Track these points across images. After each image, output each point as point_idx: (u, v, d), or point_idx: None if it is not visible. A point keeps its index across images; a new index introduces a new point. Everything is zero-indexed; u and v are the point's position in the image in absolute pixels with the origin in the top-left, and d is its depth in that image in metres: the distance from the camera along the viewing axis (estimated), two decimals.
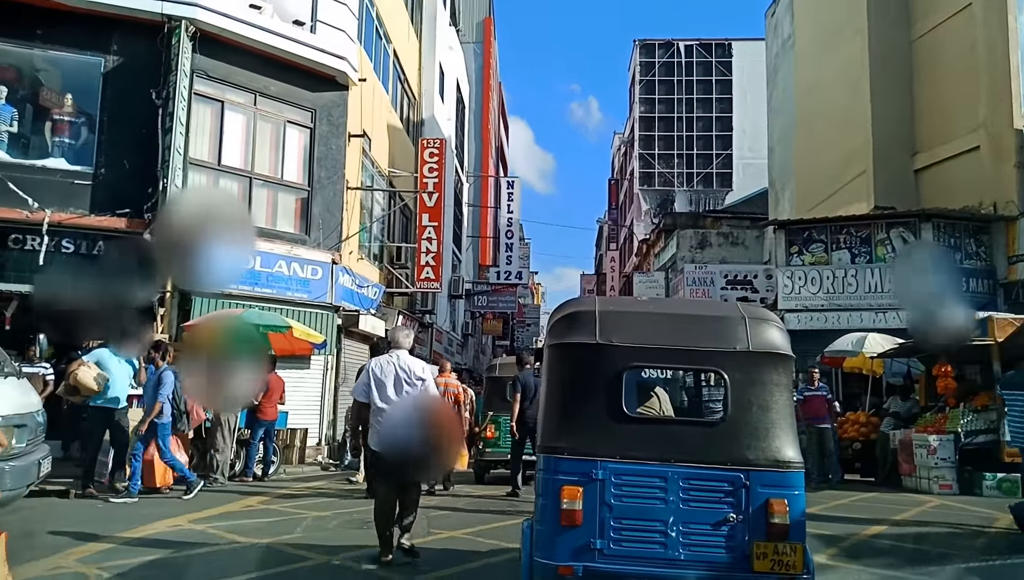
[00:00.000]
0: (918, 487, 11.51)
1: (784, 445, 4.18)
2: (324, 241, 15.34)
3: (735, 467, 4.13)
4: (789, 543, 4.01)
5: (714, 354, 4.34)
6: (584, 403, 4.32)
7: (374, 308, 17.47)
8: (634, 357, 4.39)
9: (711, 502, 4.11)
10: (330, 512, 8.69)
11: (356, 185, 16.40)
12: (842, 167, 21.15)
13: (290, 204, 15.33)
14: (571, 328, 4.49)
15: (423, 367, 6.36)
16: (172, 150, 13.00)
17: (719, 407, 4.55)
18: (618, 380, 4.30)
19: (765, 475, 4.11)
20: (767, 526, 4.03)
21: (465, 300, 32.24)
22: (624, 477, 4.15)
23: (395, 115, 20.96)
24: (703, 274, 23.95)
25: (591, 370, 4.35)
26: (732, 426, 4.22)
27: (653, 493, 4.14)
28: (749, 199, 38.09)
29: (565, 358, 4.48)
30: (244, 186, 14.53)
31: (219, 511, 8.56)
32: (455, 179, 29.41)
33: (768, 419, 4.21)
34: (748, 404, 4.22)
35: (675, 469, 4.14)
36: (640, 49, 50.33)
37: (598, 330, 4.35)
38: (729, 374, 4.24)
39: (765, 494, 4.07)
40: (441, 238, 19.99)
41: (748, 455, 4.14)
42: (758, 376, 4.26)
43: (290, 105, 15.24)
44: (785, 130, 26.69)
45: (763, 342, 4.32)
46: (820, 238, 17.74)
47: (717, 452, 4.17)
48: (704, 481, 4.14)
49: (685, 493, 4.12)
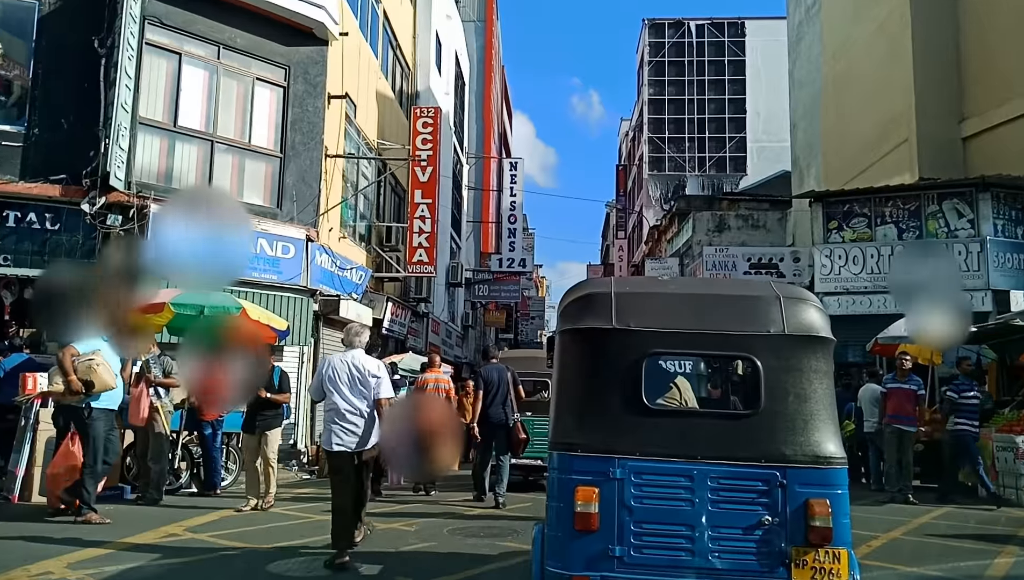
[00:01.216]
0: (1002, 496, 9.58)
1: (825, 439, 3.79)
2: (299, 215, 13.43)
3: (770, 464, 3.76)
4: (832, 548, 3.65)
5: (745, 338, 3.92)
6: (600, 395, 3.96)
7: (358, 293, 15.56)
8: (655, 343, 3.99)
9: (743, 503, 3.74)
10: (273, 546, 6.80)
11: (337, 153, 14.46)
12: (879, 138, 19.17)
13: (259, 172, 13.42)
14: (585, 312, 4.11)
15: (378, 366, 6.17)
16: (116, 106, 11.11)
17: (750, 397, 4.06)
18: (637, 368, 3.91)
19: (804, 472, 3.74)
20: (807, 530, 3.66)
21: (465, 289, 30.31)
22: (645, 476, 3.81)
23: (385, 83, 19.03)
24: (724, 257, 21.97)
25: (607, 358, 3.98)
26: (766, 418, 3.83)
27: (678, 494, 3.78)
28: (766, 182, 36.24)
29: (578, 345, 4.08)
30: (204, 151, 12.62)
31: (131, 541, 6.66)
32: (454, 159, 27.46)
33: (806, 410, 3.82)
34: (784, 393, 3.83)
35: (702, 467, 3.79)
36: (649, 29, 48.26)
37: (614, 314, 3.99)
38: (762, 360, 3.85)
39: (804, 494, 3.70)
40: (435, 217, 18.05)
41: (784, 450, 3.77)
42: (795, 362, 3.86)
43: (260, 60, 13.33)
44: (810, 103, 24.78)
45: (800, 324, 3.91)
46: (863, 212, 15.76)
47: (749, 447, 3.79)
48: (735, 480, 3.77)
49: (714, 494, 3.76)
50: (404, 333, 19.03)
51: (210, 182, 12.57)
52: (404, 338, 19.15)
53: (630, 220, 51.72)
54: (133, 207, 11.39)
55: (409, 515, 8.38)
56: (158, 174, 12.13)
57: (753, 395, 3.92)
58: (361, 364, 6.01)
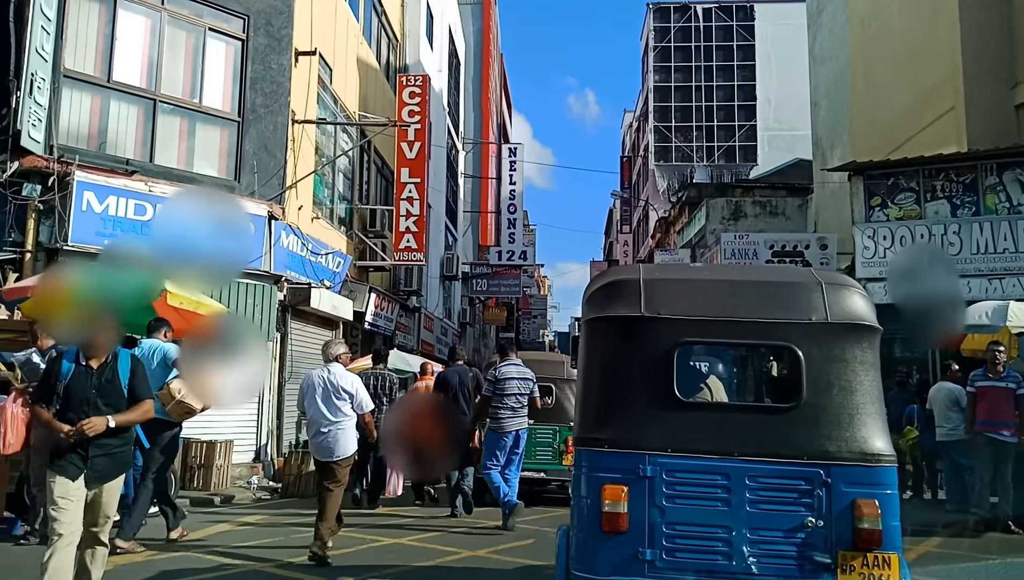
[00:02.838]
0: None
1: (872, 434, 3.55)
2: (260, 189, 11.50)
3: (813, 461, 3.52)
4: (881, 553, 3.39)
5: (785, 326, 3.69)
6: (629, 387, 3.73)
7: (335, 283, 13.63)
8: (687, 331, 3.77)
9: (784, 504, 3.51)
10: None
11: (306, 118, 12.51)
12: (919, 108, 17.20)
13: (212, 138, 11.50)
14: (612, 299, 3.88)
15: (352, 382, 6.40)
16: (30, 52, 9.21)
17: (791, 390, 3.70)
18: (668, 359, 3.68)
19: (851, 471, 3.49)
20: (854, 532, 3.41)
21: (462, 284, 28.33)
22: (678, 474, 3.57)
23: (368, 50, 17.09)
24: (743, 245, 20.01)
25: (636, 348, 3.75)
26: (808, 412, 3.59)
27: (714, 493, 3.54)
28: (779, 171, 34.31)
29: (605, 334, 3.88)
30: (145, 111, 10.70)
31: None
32: (448, 144, 25.53)
33: (852, 403, 3.58)
34: (828, 386, 3.60)
35: (740, 464, 3.54)
36: (654, 14, 46.27)
37: (644, 301, 3.76)
38: (804, 350, 3.62)
39: (851, 493, 3.46)
40: (425, 198, 16.09)
41: (829, 447, 3.53)
42: (839, 352, 3.63)
43: (213, 7, 11.43)
44: (834, 79, 22.89)
45: (844, 311, 3.68)
46: (910, 186, 13.78)
47: (791, 443, 3.56)
48: (776, 479, 3.53)
49: (752, 493, 3.52)
50: (392, 328, 17.09)
51: (152, 147, 10.66)
52: (392, 334, 17.22)
53: (635, 213, 49.76)
54: (54, 174, 9.49)
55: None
56: (88, 137, 10.22)
57: (794, 387, 3.67)
58: (336, 380, 6.28)
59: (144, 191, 10.08)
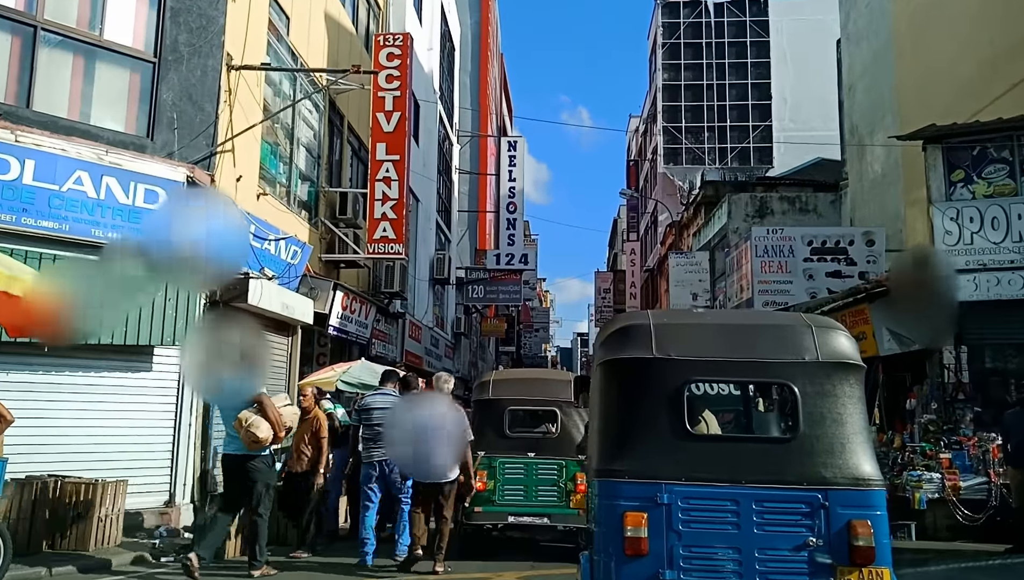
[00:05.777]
0: None
1: (862, 461, 3.89)
2: (181, 150, 8.90)
3: (812, 487, 3.83)
4: (875, 568, 3.70)
5: (781, 366, 4.07)
6: (643, 422, 4.04)
7: (290, 277, 11.01)
8: (694, 371, 4.16)
9: (788, 525, 3.81)
10: None
11: (245, 64, 9.92)
12: (987, 77, 14.66)
13: (119, 82, 8.94)
14: (625, 342, 4.20)
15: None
16: None
17: (789, 422, 4.20)
18: (679, 396, 4.02)
19: (845, 494, 3.82)
20: (850, 550, 3.72)
21: (457, 290, 25.65)
22: (692, 501, 3.87)
23: (342, 9, 14.57)
24: (777, 240, 17.37)
25: (649, 386, 4.09)
26: (805, 442, 3.93)
27: (724, 517, 3.84)
28: (799, 172, 31.75)
29: (620, 375, 4.19)
30: (22, 43, 8.13)
31: None
32: (440, 132, 22.98)
33: (843, 434, 3.92)
34: (821, 418, 3.93)
35: (747, 491, 3.85)
36: (662, 9, 43.78)
37: (655, 343, 4.08)
38: (799, 386, 3.96)
39: (846, 515, 3.77)
40: (405, 180, 13.46)
41: (825, 473, 3.85)
42: (830, 388, 3.97)
43: None
44: (872, 58, 20.48)
45: (833, 351, 4.04)
46: (1001, 156, 11.19)
47: (791, 471, 3.88)
48: (779, 503, 3.84)
49: (759, 516, 3.82)
50: (367, 335, 14.43)
51: (30, 88, 8.06)
52: (368, 343, 14.56)
53: (643, 220, 47.13)
54: None
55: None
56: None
57: (791, 420, 4.02)
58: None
59: (9, 141, 7.48)
